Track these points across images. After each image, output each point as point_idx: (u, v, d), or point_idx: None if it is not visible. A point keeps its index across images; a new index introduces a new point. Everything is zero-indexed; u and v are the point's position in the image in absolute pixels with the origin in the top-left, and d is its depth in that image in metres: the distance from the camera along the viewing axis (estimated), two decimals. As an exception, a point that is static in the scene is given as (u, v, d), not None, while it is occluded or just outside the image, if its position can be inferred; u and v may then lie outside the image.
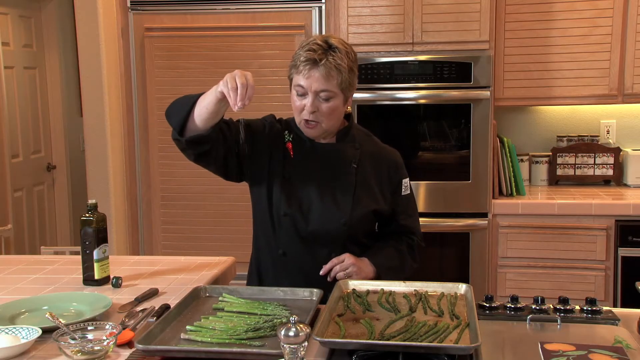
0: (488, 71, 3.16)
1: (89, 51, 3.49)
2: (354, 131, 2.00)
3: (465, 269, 3.27)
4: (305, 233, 1.91)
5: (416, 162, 3.30)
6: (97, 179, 3.57)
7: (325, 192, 1.91)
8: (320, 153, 1.94)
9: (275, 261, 1.96)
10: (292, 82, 1.87)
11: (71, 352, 1.39)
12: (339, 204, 1.91)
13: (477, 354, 1.38)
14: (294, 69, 1.85)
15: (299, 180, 1.92)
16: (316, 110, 1.83)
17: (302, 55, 1.81)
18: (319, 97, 1.82)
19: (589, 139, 3.65)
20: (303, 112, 1.85)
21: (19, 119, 4.38)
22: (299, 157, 1.94)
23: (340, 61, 1.81)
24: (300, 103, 1.85)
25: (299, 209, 1.90)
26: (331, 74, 1.80)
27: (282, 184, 1.91)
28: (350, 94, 1.89)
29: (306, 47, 1.83)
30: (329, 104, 1.83)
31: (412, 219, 2.08)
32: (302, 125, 1.89)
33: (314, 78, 1.80)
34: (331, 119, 1.87)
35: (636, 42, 3.29)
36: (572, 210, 3.18)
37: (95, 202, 2.01)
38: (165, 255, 3.41)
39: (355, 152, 1.96)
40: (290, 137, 1.95)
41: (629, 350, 1.41)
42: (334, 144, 1.96)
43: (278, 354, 1.32)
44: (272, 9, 3.47)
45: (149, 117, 3.61)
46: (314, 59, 1.79)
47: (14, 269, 2.21)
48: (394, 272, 1.95)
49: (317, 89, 1.80)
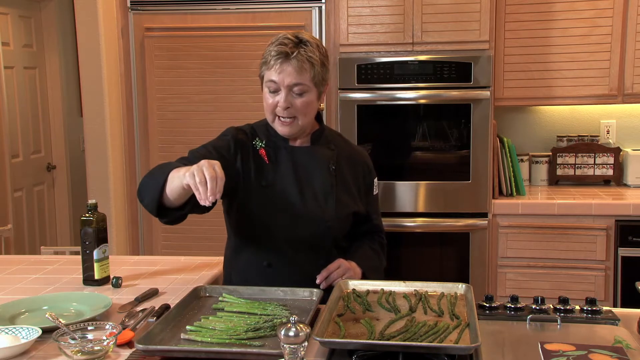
0: (488, 71, 3.16)
1: (89, 51, 3.49)
2: (327, 132, 1.97)
3: (465, 269, 3.27)
4: (290, 239, 1.86)
5: (416, 162, 3.30)
6: (97, 179, 3.57)
7: (307, 196, 1.86)
8: (297, 156, 1.88)
9: (261, 273, 1.89)
10: (264, 79, 1.82)
11: (71, 352, 1.39)
12: (322, 208, 1.86)
13: (477, 354, 1.38)
14: (264, 66, 1.80)
15: (278, 186, 1.85)
16: (290, 106, 1.78)
17: (272, 51, 1.77)
18: (292, 93, 1.78)
19: (589, 139, 3.65)
20: (277, 109, 1.80)
21: (19, 119, 4.38)
22: (275, 162, 1.87)
23: (312, 54, 1.77)
24: (272, 100, 1.80)
25: (282, 216, 1.85)
26: (304, 67, 1.76)
27: (261, 193, 1.84)
28: (323, 89, 1.85)
29: (276, 42, 1.78)
30: (303, 98, 1.79)
31: (380, 219, 2.10)
32: (276, 123, 1.84)
33: (287, 72, 1.75)
34: (306, 115, 1.82)
35: (636, 42, 3.29)
36: (572, 210, 3.18)
37: (95, 202, 2.01)
38: (165, 255, 3.41)
39: (331, 154, 1.92)
40: (262, 143, 1.89)
41: (629, 350, 1.41)
42: (309, 146, 1.91)
43: (278, 354, 1.32)
44: (272, 9, 3.47)
45: (149, 117, 3.61)
46: (285, 52, 1.75)
47: (14, 269, 2.21)
48: (376, 272, 1.96)
49: (290, 83, 1.76)
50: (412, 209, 3.28)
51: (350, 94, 3.24)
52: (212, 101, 3.55)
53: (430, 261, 3.34)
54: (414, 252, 3.33)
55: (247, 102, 3.48)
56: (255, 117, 2.05)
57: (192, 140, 3.58)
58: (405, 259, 3.34)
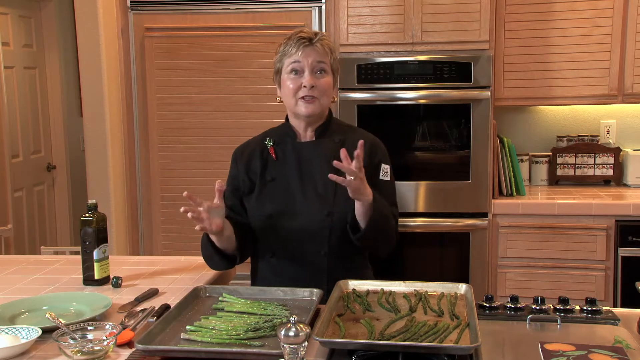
0: (488, 71, 3.16)
1: (89, 51, 3.49)
2: (334, 126, 2.02)
3: (465, 269, 3.27)
4: (291, 231, 1.91)
5: (416, 162, 3.30)
6: (97, 179, 3.57)
7: (308, 188, 1.93)
8: (302, 151, 1.97)
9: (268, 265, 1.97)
10: (284, 68, 1.92)
11: (71, 352, 1.39)
12: (321, 198, 1.92)
13: (477, 354, 1.38)
14: (284, 56, 1.91)
15: (281, 180, 1.95)
16: (314, 85, 1.88)
17: (294, 39, 1.90)
18: (315, 72, 1.89)
19: (589, 139, 3.65)
20: (301, 90, 1.89)
21: (19, 119, 4.38)
22: (282, 158, 1.97)
23: (329, 43, 1.94)
24: (297, 82, 1.89)
25: (284, 208, 1.92)
26: (325, 51, 1.91)
27: (265, 186, 1.95)
28: (336, 79, 1.98)
29: (294, 37, 1.91)
30: (325, 78, 1.91)
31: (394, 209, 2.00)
32: (299, 105, 1.91)
33: (310, 53, 1.88)
34: (327, 97, 1.93)
35: (636, 42, 3.29)
36: (572, 210, 3.18)
37: (95, 202, 2.01)
38: (165, 255, 3.40)
39: (334, 146, 1.95)
40: (271, 142, 1.99)
41: (629, 350, 1.41)
42: (314, 141, 1.98)
43: (278, 354, 1.32)
44: (272, 9, 3.47)
45: (149, 117, 3.61)
46: (308, 38, 1.89)
47: (14, 269, 2.21)
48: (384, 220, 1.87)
49: (313, 61, 1.88)
50: (412, 209, 3.28)
51: (350, 94, 3.24)
52: (212, 101, 3.55)
53: (430, 261, 3.34)
54: (414, 252, 3.33)
55: (247, 102, 3.47)
56: (255, 117, 2.06)
57: (192, 140, 3.59)
58: (405, 259, 3.34)
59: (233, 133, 3.46)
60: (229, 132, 3.51)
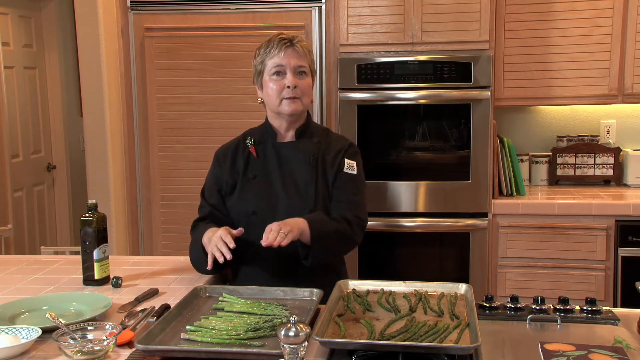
0: (488, 71, 3.16)
1: (89, 51, 3.49)
2: (312, 128, 2.10)
3: (465, 269, 3.27)
4: None
5: (416, 162, 3.30)
6: (97, 179, 3.57)
7: (289, 187, 1.99)
8: (282, 151, 2.04)
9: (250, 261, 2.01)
10: (266, 70, 2.01)
11: (71, 352, 1.39)
12: (302, 196, 1.98)
13: (477, 354, 1.38)
14: (267, 58, 2.00)
15: (263, 179, 2.02)
16: (296, 85, 1.97)
17: (274, 42, 1.99)
18: (297, 74, 1.98)
19: (589, 139, 3.65)
20: (284, 91, 1.97)
21: (19, 119, 4.38)
22: (263, 157, 2.05)
23: (308, 45, 2.05)
24: (279, 83, 1.98)
25: (266, 206, 1.98)
26: (304, 53, 2.01)
27: (248, 183, 2.02)
28: (314, 81, 2.08)
29: (275, 39, 2.00)
30: (305, 80, 2.00)
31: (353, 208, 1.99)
32: (283, 105, 1.99)
33: (292, 56, 1.98)
34: (307, 97, 2.02)
35: (636, 42, 3.29)
36: (572, 210, 3.18)
37: (95, 202, 2.01)
38: (165, 255, 3.40)
39: (313, 146, 2.04)
40: (252, 141, 2.08)
41: (629, 350, 1.41)
42: (294, 141, 2.06)
43: (278, 354, 1.32)
44: (272, 9, 3.47)
45: (149, 117, 3.61)
46: (288, 40, 1.99)
47: (14, 269, 2.21)
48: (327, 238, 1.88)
49: (295, 64, 1.98)
50: (412, 209, 3.28)
51: (350, 94, 3.24)
52: (212, 101, 3.56)
53: (430, 261, 3.33)
54: (414, 252, 3.33)
55: (247, 102, 3.47)
56: (254, 116, 2.08)
57: (192, 140, 3.59)
58: (405, 259, 3.34)
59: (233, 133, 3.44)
60: (229, 132, 3.48)
